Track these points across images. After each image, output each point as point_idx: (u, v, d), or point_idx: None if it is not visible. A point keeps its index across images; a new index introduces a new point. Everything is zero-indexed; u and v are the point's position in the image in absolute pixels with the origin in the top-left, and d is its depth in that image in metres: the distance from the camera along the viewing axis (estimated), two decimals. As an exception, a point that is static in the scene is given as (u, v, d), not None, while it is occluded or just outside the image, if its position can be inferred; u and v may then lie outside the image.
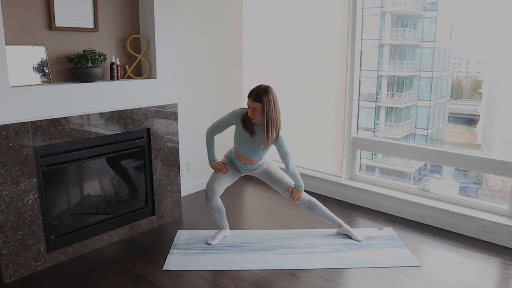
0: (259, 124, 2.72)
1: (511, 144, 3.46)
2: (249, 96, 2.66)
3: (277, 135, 2.73)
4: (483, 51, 3.92)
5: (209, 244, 3.02)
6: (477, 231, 3.15)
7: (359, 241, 3.05)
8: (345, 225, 3.14)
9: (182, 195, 3.79)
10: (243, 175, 3.08)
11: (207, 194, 2.96)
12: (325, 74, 3.99)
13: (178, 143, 3.42)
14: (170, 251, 2.94)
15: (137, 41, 3.19)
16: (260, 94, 2.62)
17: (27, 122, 2.49)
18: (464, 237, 3.17)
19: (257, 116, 2.65)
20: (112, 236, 3.08)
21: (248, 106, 2.68)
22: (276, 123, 2.68)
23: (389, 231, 3.26)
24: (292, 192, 3.01)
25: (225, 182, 2.97)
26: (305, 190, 4.15)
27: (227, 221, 3.15)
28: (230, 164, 3.01)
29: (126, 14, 3.10)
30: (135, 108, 3.07)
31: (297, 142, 4.26)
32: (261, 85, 2.68)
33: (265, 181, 3.08)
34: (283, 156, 2.83)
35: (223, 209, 3.05)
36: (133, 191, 3.25)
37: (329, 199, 3.97)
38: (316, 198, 3.96)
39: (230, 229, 3.27)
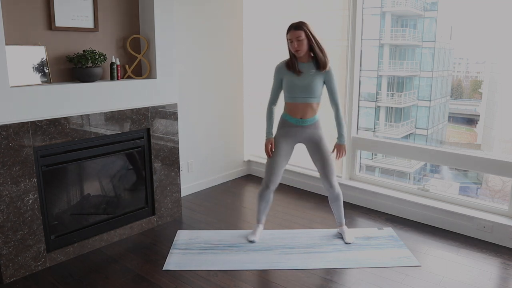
0: (303, 62, 2.80)
1: (511, 144, 3.46)
2: (290, 29, 2.74)
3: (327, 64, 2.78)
4: (483, 51, 3.92)
5: (252, 241, 3.02)
6: (477, 231, 3.15)
7: (347, 243, 3.04)
8: (344, 226, 3.15)
9: (182, 195, 3.79)
10: (296, 144, 2.98)
11: (268, 187, 2.96)
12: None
13: (178, 143, 3.42)
14: (170, 251, 2.94)
15: (137, 41, 3.19)
16: (300, 24, 2.72)
17: (27, 122, 2.49)
18: (464, 237, 3.17)
19: (302, 46, 2.72)
20: (112, 236, 3.08)
21: (290, 41, 2.74)
22: (323, 48, 2.77)
23: (389, 231, 3.26)
24: (336, 150, 2.97)
25: (282, 170, 2.98)
26: (307, 191, 4.18)
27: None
28: (283, 137, 2.90)
29: (126, 14, 3.10)
30: (135, 108, 3.07)
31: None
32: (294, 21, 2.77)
33: (310, 153, 2.97)
34: (332, 93, 2.87)
35: (271, 202, 3.10)
36: (133, 191, 3.25)
37: (329, 199, 3.97)
38: (316, 198, 3.99)
39: (230, 229, 3.28)
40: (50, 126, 2.60)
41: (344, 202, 3.86)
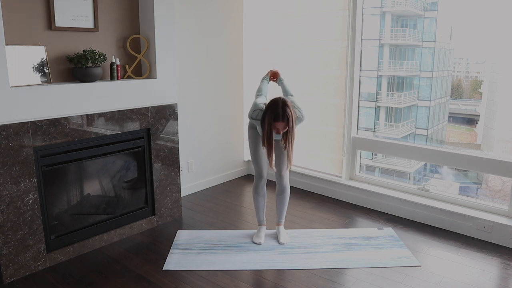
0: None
1: (511, 144, 3.46)
2: (277, 119, 2.61)
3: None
4: (483, 51, 3.92)
5: (259, 244, 3.02)
6: (477, 231, 3.15)
7: (280, 243, 3.03)
8: (281, 226, 3.15)
9: (182, 195, 3.79)
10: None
11: (261, 176, 3.01)
12: (325, 74, 3.99)
13: (178, 143, 3.42)
14: (170, 251, 2.94)
15: (137, 41, 3.19)
16: (287, 112, 2.61)
17: (27, 122, 2.49)
18: (464, 237, 3.17)
19: (283, 132, 2.71)
20: (112, 236, 3.08)
21: (274, 127, 2.66)
22: (293, 141, 2.76)
23: (389, 231, 3.26)
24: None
25: (266, 160, 3.00)
26: (307, 191, 4.18)
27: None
28: (256, 130, 2.95)
29: (126, 14, 3.10)
30: (135, 108, 3.07)
31: (297, 142, 4.25)
32: (277, 102, 2.64)
33: (275, 141, 2.97)
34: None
35: (266, 196, 3.13)
36: (133, 191, 3.25)
37: (329, 199, 3.97)
38: (316, 198, 3.98)
39: (230, 229, 3.27)
40: (50, 126, 2.60)
41: (344, 202, 3.89)
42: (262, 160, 2.99)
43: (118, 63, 2.99)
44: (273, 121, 2.63)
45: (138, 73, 3.22)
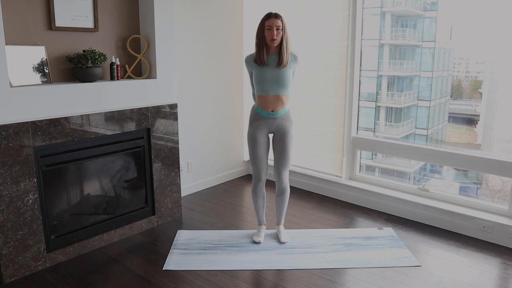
0: (272, 53, 2.82)
1: (511, 144, 3.46)
2: (270, 16, 2.77)
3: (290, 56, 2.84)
4: (483, 51, 3.92)
5: (258, 243, 3.02)
6: (477, 231, 3.15)
7: (281, 242, 3.04)
8: (281, 225, 3.15)
9: (182, 195, 3.79)
10: (269, 133, 3.00)
11: (259, 178, 3.00)
12: (325, 74, 3.99)
13: (178, 143, 3.42)
14: (170, 251, 2.94)
15: (137, 41, 3.19)
16: (279, 14, 2.80)
17: (27, 122, 2.49)
18: (464, 237, 3.17)
19: (279, 35, 2.77)
20: (112, 236, 3.08)
21: (268, 27, 2.75)
22: (288, 46, 2.83)
23: (389, 231, 3.26)
24: None
25: (266, 160, 3.01)
26: (307, 191, 4.19)
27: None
28: (257, 128, 2.93)
29: (126, 14, 3.10)
30: (135, 108, 3.07)
31: (297, 141, 4.26)
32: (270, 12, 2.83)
33: (274, 141, 2.99)
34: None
35: (265, 197, 3.14)
36: (133, 191, 3.25)
37: (329, 199, 3.97)
38: (316, 198, 3.99)
39: (230, 229, 3.27)
40: (50, 126, 2.60)
41: (344, 202, 3.89)
42: (261, 162, 2.97)
43: (118, 63, 2.99)
44: (265, 20, 2.77)
45: (138, 73, 3.22)
